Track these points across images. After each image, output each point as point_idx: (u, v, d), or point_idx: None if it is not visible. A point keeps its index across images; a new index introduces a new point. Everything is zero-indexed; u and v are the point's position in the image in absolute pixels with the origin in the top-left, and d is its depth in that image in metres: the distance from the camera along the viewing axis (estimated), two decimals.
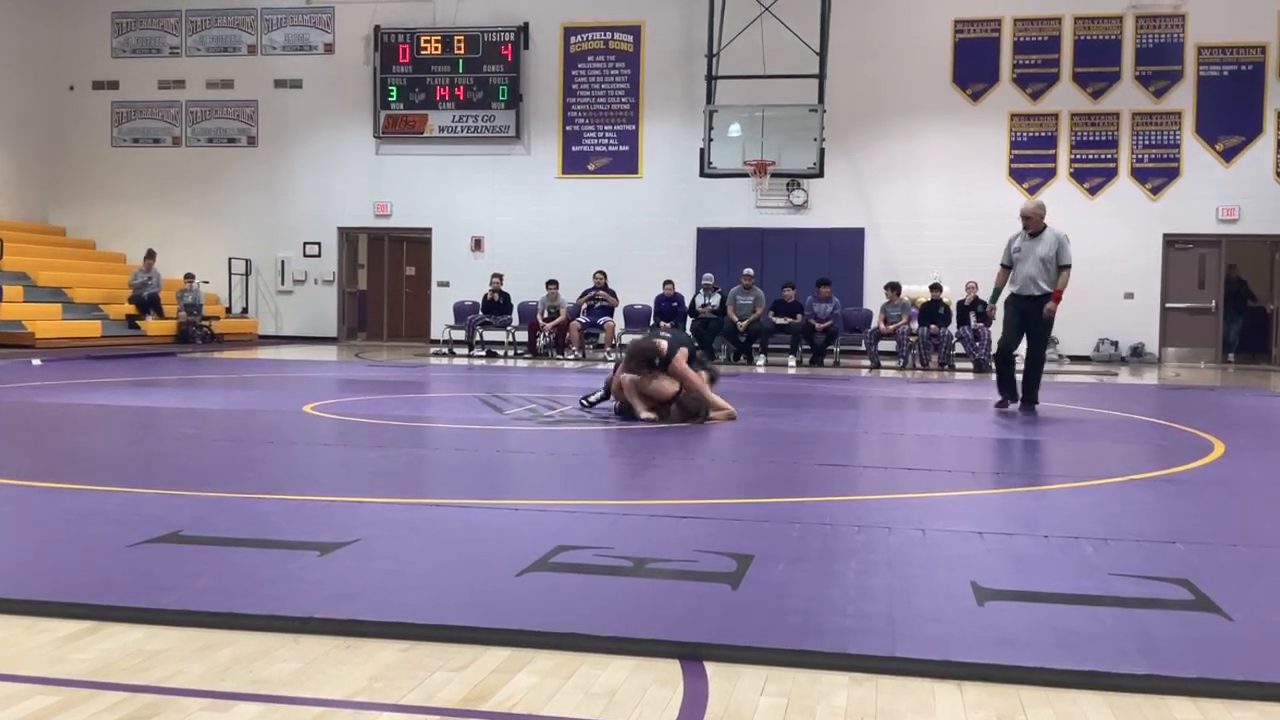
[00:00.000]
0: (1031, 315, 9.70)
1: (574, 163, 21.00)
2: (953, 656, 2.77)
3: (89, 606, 3.07)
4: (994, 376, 10.14)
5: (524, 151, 21.16)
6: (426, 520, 4.41)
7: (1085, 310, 19.28)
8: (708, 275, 18.33)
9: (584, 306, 18.63)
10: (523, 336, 18.92)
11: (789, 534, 4.20)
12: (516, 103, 21.01)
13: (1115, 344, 19.28)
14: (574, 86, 21.00)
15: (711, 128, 18.00)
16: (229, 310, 21.81)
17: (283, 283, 22.20)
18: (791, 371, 15.80)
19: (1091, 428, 8.58)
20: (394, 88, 21.39)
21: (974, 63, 19.83)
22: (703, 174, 18.27)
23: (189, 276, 20.13)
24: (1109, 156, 19.50)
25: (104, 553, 3.69)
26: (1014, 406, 9.78)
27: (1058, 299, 9.70)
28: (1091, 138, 19.56)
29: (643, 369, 8.04)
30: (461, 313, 19.81)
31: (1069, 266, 9.74)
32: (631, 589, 3.38)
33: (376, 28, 21.43)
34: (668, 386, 8.00)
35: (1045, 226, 9.90)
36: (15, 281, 18.50)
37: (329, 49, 21.87)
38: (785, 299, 17.91)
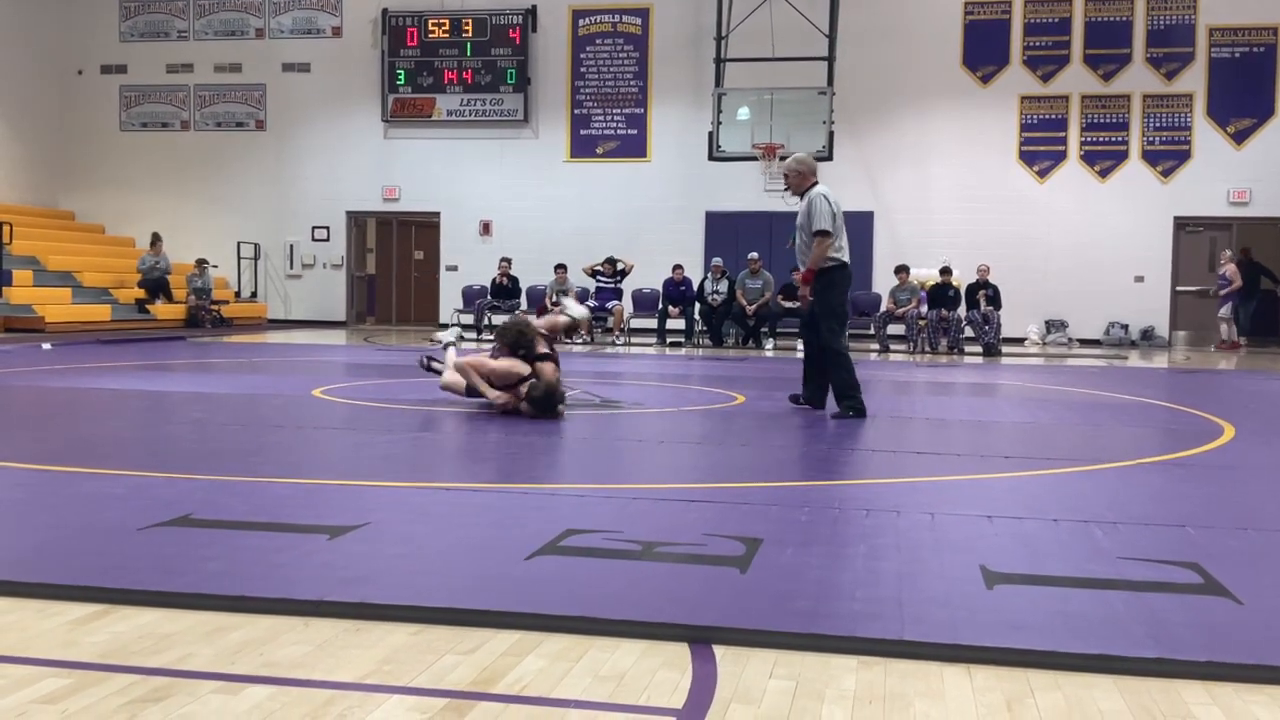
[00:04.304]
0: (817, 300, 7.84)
1: (582, 146, 20.95)
2: (961, 640, 2.77)
3: (100, 590, 3.08)
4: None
5: (532, 135, 21.12)
6: (436, 504, 4.42)
7: (1095, 293, 19.26)
8: (716, 259, 18.30)
9: (594, 280, 18.56)
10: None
11: (797, 518, 4.20)
12: (524, 86, 20.97)
13: (1125, 327, 19.23)
14: (582, 70, 20.94)
15: (720, 111, 17.97)
16: (238, 294, 21.84)
17: (291, 267, 22.22)
18: (800, 355, 15.76)
19: (1101, 411, 8.56)
20: (402, 71, 21.35)
21: (984, 45, 19.73)
22: (711, 157, 18.24)
23: (201, 262, 20.13)
24: (1120, 139, 19.41)
25: (115, 536, 3.71)
26: (808, 406, 8.04)
27: (806, 279, 7.69)
28: (1102, 120, 19.47)
29: (504, 342, 7.48)
30: (470, 297, 19.82)
31: (824, 233, 7.51)
32: (640, 572, 3.39)
33: (384, 10, 21.39)
34: (519, 369, 7.35)
35: (814, 185, 7.76)
36: (25, 265, 18.55)
37: (336, 32, 21.84)
38: (794, 283, 17.88)
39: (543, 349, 7.48)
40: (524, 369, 7.33)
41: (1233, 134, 19.11)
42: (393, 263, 23.14)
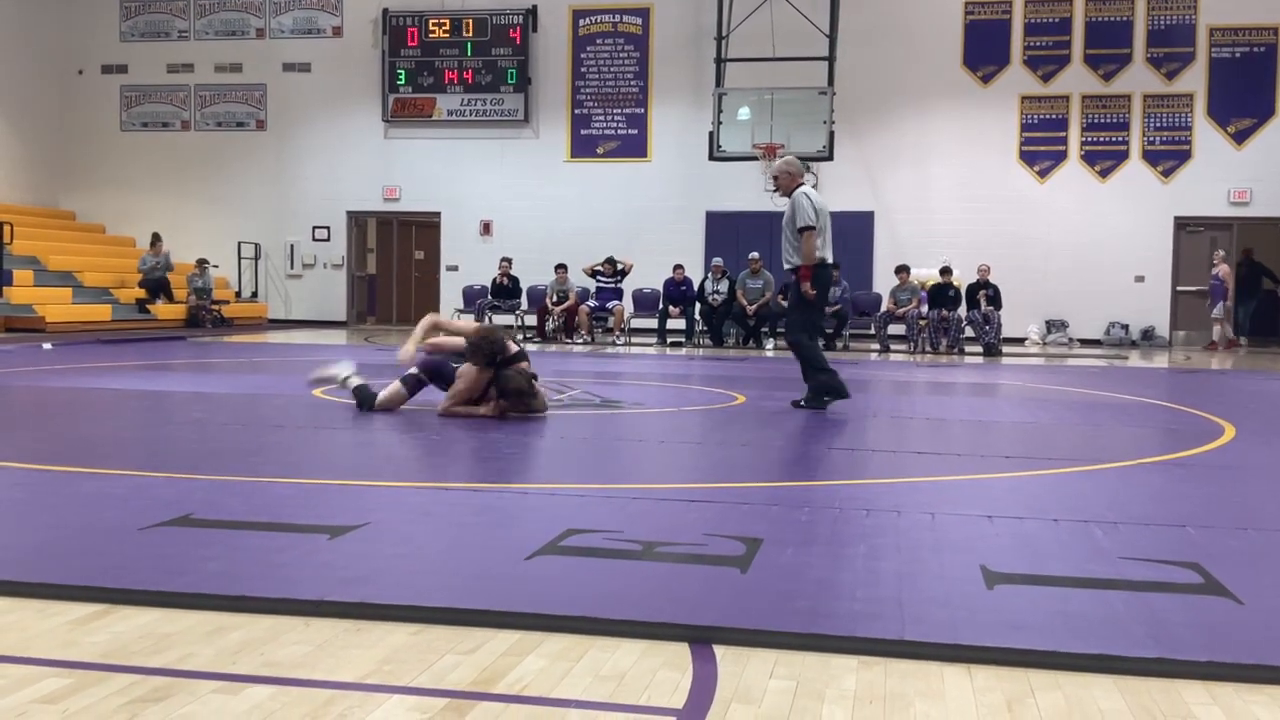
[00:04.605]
0: (790, 294, 8.35)
1: (583, 146, 20.96)
2: (962, 640, 2.77)
3: (101, 590, 3.08)
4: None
5: (532, 135, 21.12)
6: (436, 504, 4.42)
7: (1096, 293, 19.26)
8: (717, 259, 18.30)
9: (594, 280, 18.59)
10: (532, 320, 18.92)
11: (798, 518, 4.20)
12: (525, 86, 20.97)
13: (1126, 327, 19.23)
14: (583, 70, 20.95)
15: (721, 111, 17.96)
16: (239, 294, 21.85)
17: (292, 267, 22.23)
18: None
19: (1101, 411, 8.56)
20: (402, 71, 21.36)
21: (985, 45, 19.73)
22: (712, 157, 18.24)
23: (201, 262, 20.12)
24: (1120, 139, 19.41)
25: (115, 536, 3.71)
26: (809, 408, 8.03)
27: (805, 275, 7.97)
28: (1103, 120, 19.47)
29: (479, 361, 7.16)
30: (470, 297, 19.83)
31: (809, 228, 7.88)
32: (641, 572, 3.39)
33: (385, 10, 21.39)
34: (482, 376, 7.15)
35: (799, 185, 8.12)
36: (25, 265, 18.55)
37: (337, 32, 21.84)
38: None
39: (513, 348, 7.42)
40: (487, 373, 7.15)
41: (1233, 134, 19.11)
42: (393, 263, 23.14)
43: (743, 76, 18.41)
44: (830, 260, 8.08)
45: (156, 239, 20.25)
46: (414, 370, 7.49)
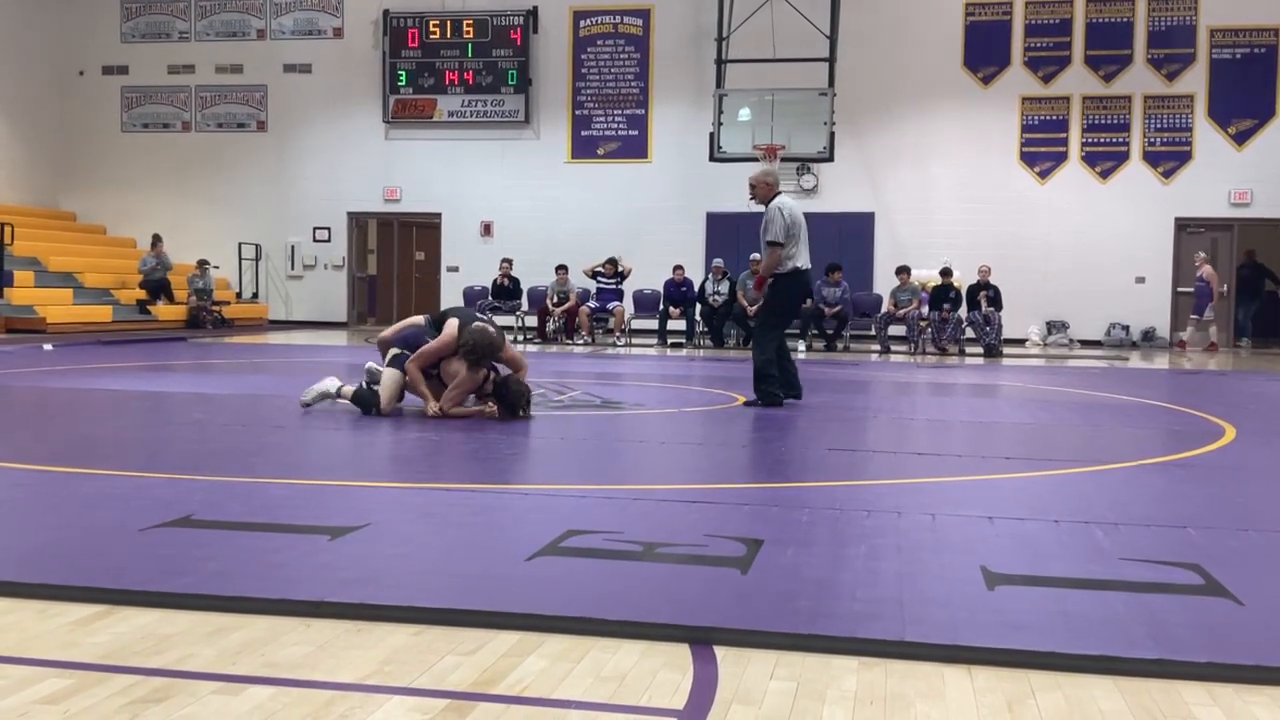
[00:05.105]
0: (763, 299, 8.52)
1: (583, 147, 20.96)
2: (962, 641, 2.77)
3: (101, 590, 3.08)
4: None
5: (533, 136, 21.12)
6: (436, 505, 4.42)
7: (1096, 294, 19.26)
8: (717, 260, 18.30)
9: (595, 281, 18.59)
10: (532, 321, 18.92)
11: (798, 519, 4.20)
12: (525, 87, 20.97)
13: (1126, 328, 19.22)
14: (583, 70, 20.95)
15: (721, 112, 17.97)
16: (239, 295, 21.85)
17: (293, 268, 22.23)
18: (801, 356, 15.76)
19: (1102, 412, 8.56)
20: (403, 72, 21.36)
21: (985, 46, 19.74)
22: (712, 158, 18.23)
23: (202, 263, 20.12)
24: (1121, 140, 19.41)
25: (116, 537, 3.71)
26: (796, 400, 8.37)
27: (759, 284, 8.40)
28: (1103, 121, 19.47)
29: (480, 365, 7.14)
30: (471, 298, 19.80)
31: (775, 244, 8.12)
32: (641, 573, 3.38)
33: (385, 11, 21.39)
34: (477, 376, 7.15)
35: (776, 195, 8.40)
36: (26, 266, 18.56)
37: (338, 33, 21.84)
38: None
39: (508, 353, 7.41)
40: (480, 375, 7.15)
41: (1234, 135, 19.11)
42: (394, 263, 23.14)
43: (743, 77, 18.41)
44: (804, 266, 8.26)
45: (157, 240, 20.25)
46: (396, 351, 7.45)
